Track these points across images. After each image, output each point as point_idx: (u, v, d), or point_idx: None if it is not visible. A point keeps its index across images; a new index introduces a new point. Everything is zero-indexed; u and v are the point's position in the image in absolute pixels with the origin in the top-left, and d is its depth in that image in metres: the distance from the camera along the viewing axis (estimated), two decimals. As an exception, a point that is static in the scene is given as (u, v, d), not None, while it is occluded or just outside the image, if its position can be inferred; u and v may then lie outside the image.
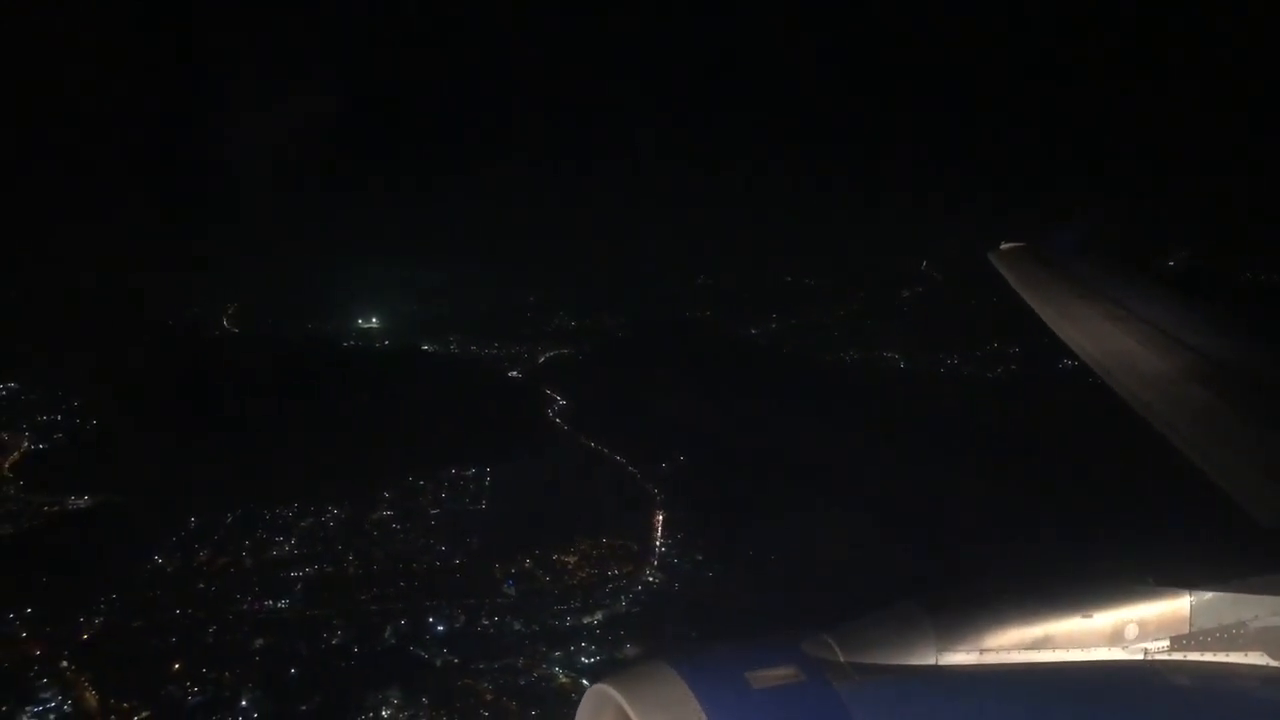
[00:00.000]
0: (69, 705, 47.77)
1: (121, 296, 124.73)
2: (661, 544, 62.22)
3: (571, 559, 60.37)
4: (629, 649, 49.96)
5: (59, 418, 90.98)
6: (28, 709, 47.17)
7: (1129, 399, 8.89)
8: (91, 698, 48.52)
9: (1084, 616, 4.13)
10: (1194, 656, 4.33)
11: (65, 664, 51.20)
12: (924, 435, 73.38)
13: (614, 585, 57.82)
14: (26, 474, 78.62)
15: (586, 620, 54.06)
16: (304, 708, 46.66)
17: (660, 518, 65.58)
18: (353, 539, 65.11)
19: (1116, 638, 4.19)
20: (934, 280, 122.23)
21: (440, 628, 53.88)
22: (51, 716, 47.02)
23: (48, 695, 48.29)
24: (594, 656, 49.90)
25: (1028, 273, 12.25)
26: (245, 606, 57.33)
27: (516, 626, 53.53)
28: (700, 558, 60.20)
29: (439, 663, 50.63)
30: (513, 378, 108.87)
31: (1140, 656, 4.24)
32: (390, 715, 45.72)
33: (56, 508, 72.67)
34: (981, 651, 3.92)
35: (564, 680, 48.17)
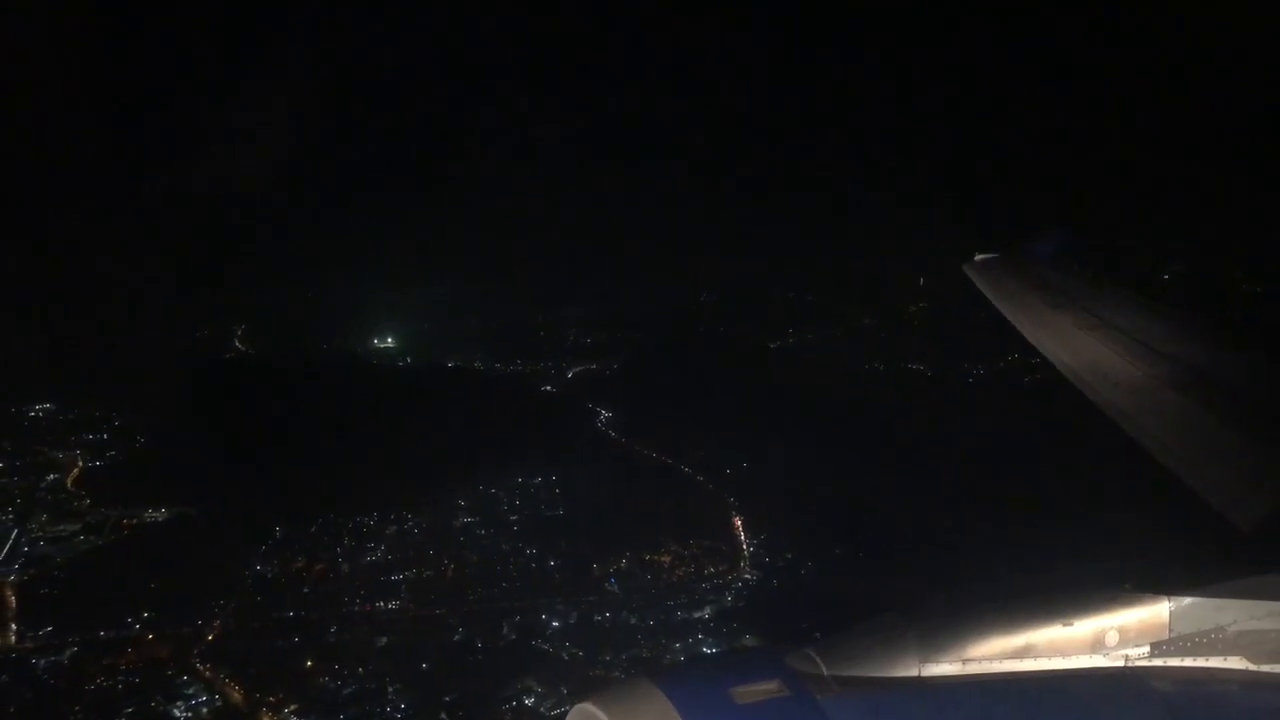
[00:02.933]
0: (218, 700, 49.38)
1: (129, 319, 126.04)
2: (748, 545, 64.62)
3: (665, 559, 62.67)
4: (747, 639, 52.27)
5: (105, 436, 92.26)
6: (178, 704, 48.74)
7: (1104, 407, 9.01)
8: (236, 693, 50.18)
9: (1064, 624, 4.19)
10: (1174, 662, 4.39)
11: (198, 663, 52.87)
12: (971, 436, 75.97)
13: (714, 583, 60.22)
14: (91, 489, 79.64)
15: (698, 615, 56.36)
16: (447, 699, 48.47)
17: (739, 521, 67.96)
18: (443, 544, 66.99)
19: (1097, 645, 4.25)
20: (938, 294, 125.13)
21: (555, 623, 55.98)
22: (204, 710, 48.56)
23: (191, 692, 49.94)
24: (715, 647, 52.19)
25: (1002, 283, 12.51)
26: (357, 608, 59.15)
27: (632, 621, 55.73)
28: (790, 556, 62.58)
29: (565, 655, 52.69)
30: (548, 391, 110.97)
31: (1121, 663, 4.31)
32: (534, 703, 47.72)
33: (134, 520, 73.96)
34: (964, 662, 4.00)
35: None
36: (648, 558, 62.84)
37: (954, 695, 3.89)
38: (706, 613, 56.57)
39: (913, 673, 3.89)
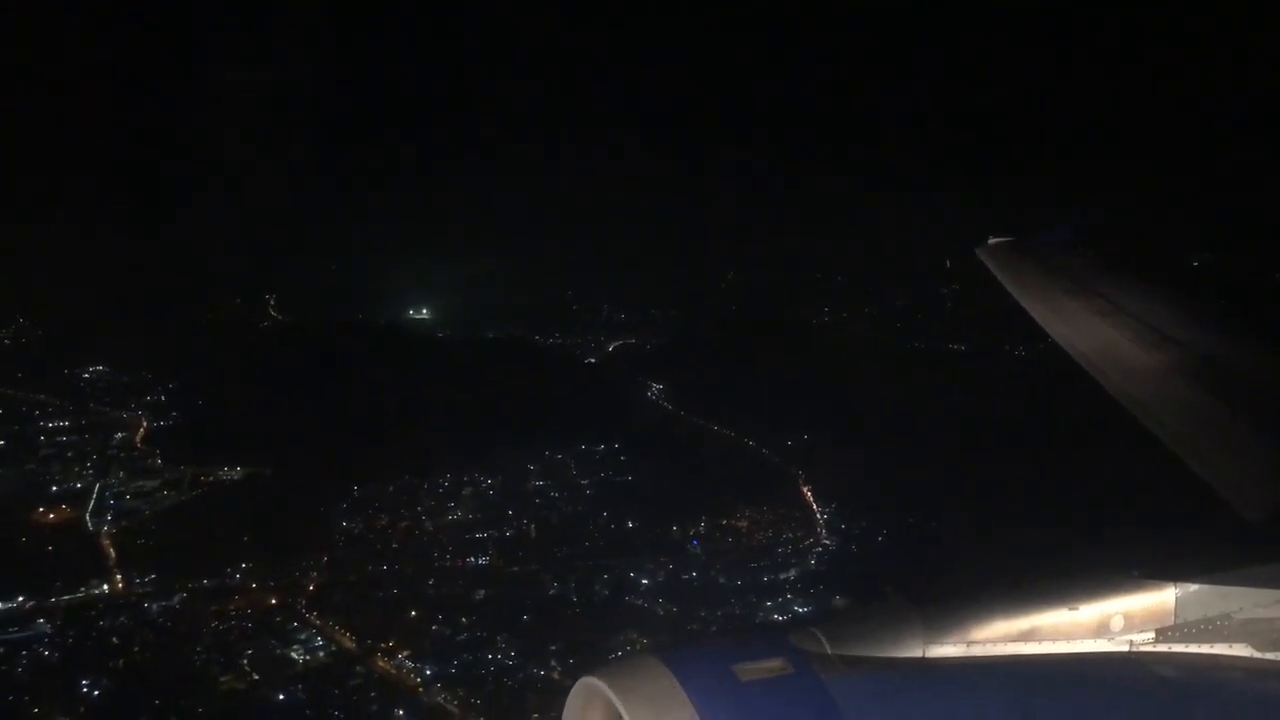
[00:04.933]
0: (332, 645, 51.31)
1: (161, 287, 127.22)
2: (821, 513, 66.39)
3: (743, 524, 64.50)
4: (838, 599, 54.12)
5: (163, 398, 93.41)
6: (295, 648, 50.65)
7: (1116, 394, 8.95)
8: (347, 639, 52.09)
9: (1070, 609, 4.18)
10: (1179, 648, 4.38)
11: (305, 612, 54.75)
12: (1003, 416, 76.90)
13: (794, 547, 62.14)
14: (161, 449, 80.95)
15: (783, 576, 58.32)
16: (553, 648, 50.40)
17: (809, 490, 69.72)
18: (520, 506, 68.65)
19: (1102, 630, 4.24)
20: (967, 277, 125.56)
21: (645, 581, 57.88)
22: (321, 654, 50.45)
23: (304, 638, 51.87)
24: (805, 606, 54.06)
25: (1015, 268, 12.39)
26: (448, 563, 61.00)
27: (720, 580, 57.66)
28: (865, 524, 64.39)
29: (661, 611, 54.62)
30: (591, 364, 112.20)
31: (1126, 648, 4.29)
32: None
33: (211, 478, 75.46)
34: (968, 644, 3.98)
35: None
36: (724, 522, 64.66)
37: (958, 676, 3.89)
38: (792, 574, 58.47)
39: (917, 653, 3.89)
